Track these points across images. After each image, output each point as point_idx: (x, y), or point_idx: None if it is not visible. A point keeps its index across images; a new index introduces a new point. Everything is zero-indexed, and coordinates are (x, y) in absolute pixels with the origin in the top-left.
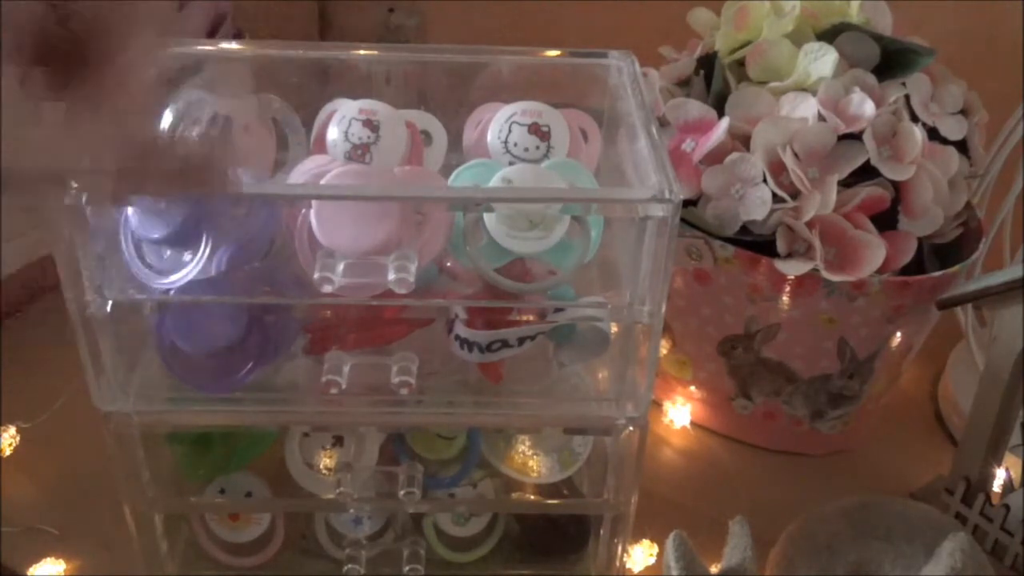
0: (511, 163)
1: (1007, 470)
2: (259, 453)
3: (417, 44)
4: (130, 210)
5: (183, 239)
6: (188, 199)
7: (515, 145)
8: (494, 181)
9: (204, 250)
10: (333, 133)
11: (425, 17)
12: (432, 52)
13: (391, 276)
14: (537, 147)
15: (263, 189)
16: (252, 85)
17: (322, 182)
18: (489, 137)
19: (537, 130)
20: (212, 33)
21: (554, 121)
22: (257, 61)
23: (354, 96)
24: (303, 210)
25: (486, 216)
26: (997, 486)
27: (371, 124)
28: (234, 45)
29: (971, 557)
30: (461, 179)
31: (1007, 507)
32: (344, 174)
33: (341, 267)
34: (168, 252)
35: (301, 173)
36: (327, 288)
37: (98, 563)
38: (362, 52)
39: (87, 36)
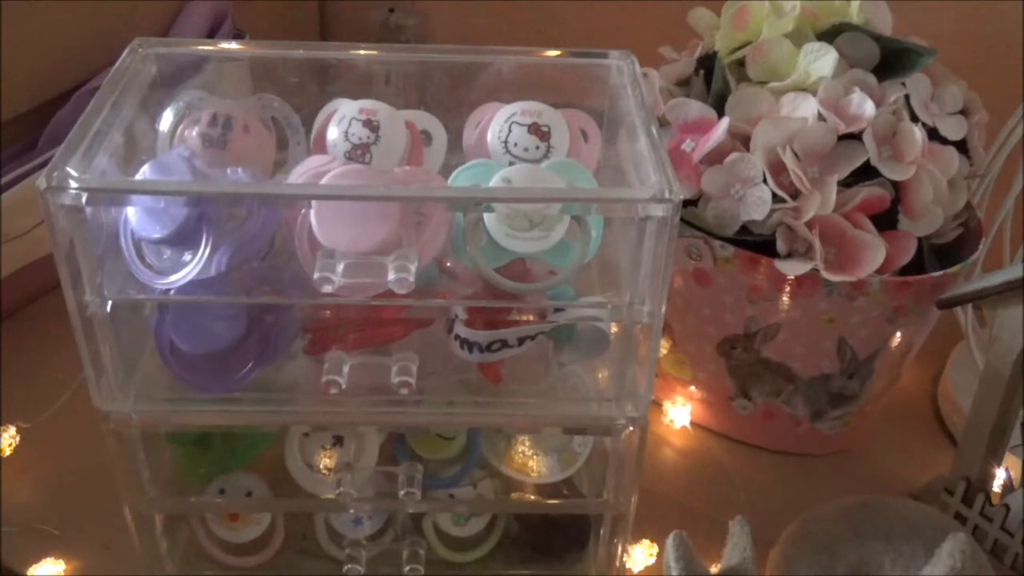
0: (511, 163)
1: (1007, 470)
2: (259, 453)
3: (417, 44)
4: (130, 210)
5: (183, 239)
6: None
7: (515, 145)
8: (494, 181)
9: (204, 250)
10: (333, 133)
11: (425, 17)
12: (432, 52)
13: (391, 276)
14: (537, 147)
15: (263, 189)
16: (252, 85)
17: (322, 182)
18: (489, 137)
19: (537, 130)
20: (212, 33)
21: (554, 121)
22: (257, 61)
23: (354, 96)
24: (303, 210)
25: (486, 216)
26: (997, 486)
27: (371, 124)
28: (234, 45)
29: (971, 557)
30: (461, 179)
31: (1007, 507)
32: (344, 174)
33: (341, 267)
34: (168, 252)
35: (301, 173)
36: (327, 288)
37: (98, 563)
38: (362, 52)
39: None
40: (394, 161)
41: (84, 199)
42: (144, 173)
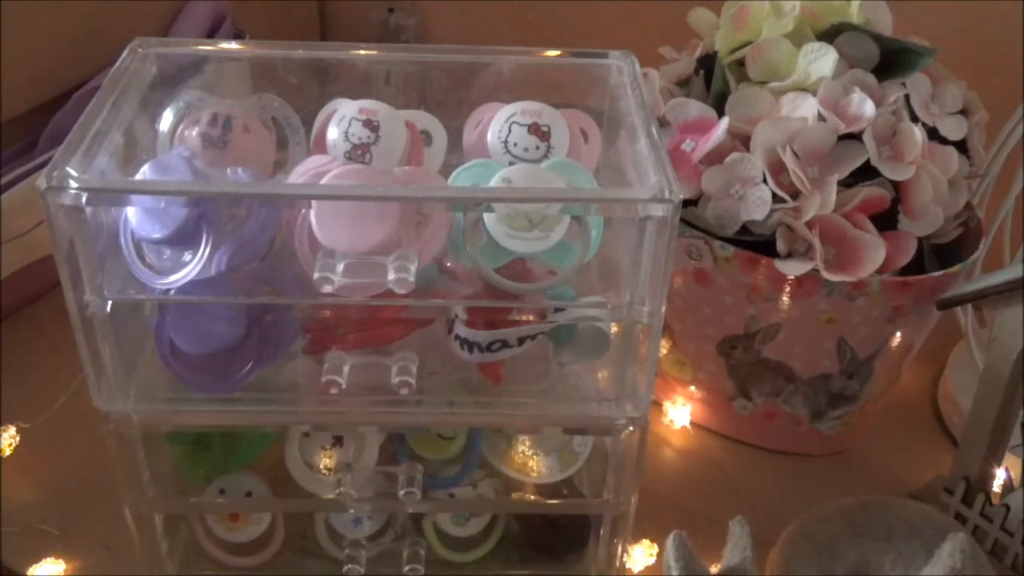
0: (511, 163)
1: (1007, 470)
2: (259, 453)
3: (417, 44)
4: (130, 210)
5: (183, 239)
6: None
7: (515, 145)
8: (494, 181)
9: (204, 250)
10: (333, 133)
11: (425, 17)
12: (432, 52)
13: (391, 276)
14: (537, 147)
15: (263, 189)
16: (252, 85)
17: (322, 182)
18: (489, 137)
19: (537, 130)
20: (212, 33)
21: (554, 121)
22: (257, 61)
23: (354, 96)
24: (303, 210)
25: (486, 216)
26: (997, 486)
27: (371, 124)
28: (234, 45)
29: (971, 557)
30: (461, 179)
31: (1007, 507)
32: (344, 174)
33: (341, 267)
34: (168, 252)
35: (301, 173)
36: (327, 288)
37: (98, 563)
38: (362, 52)
39: None
40: (394, 161)
41: (84, 199)
42: (144, 173)
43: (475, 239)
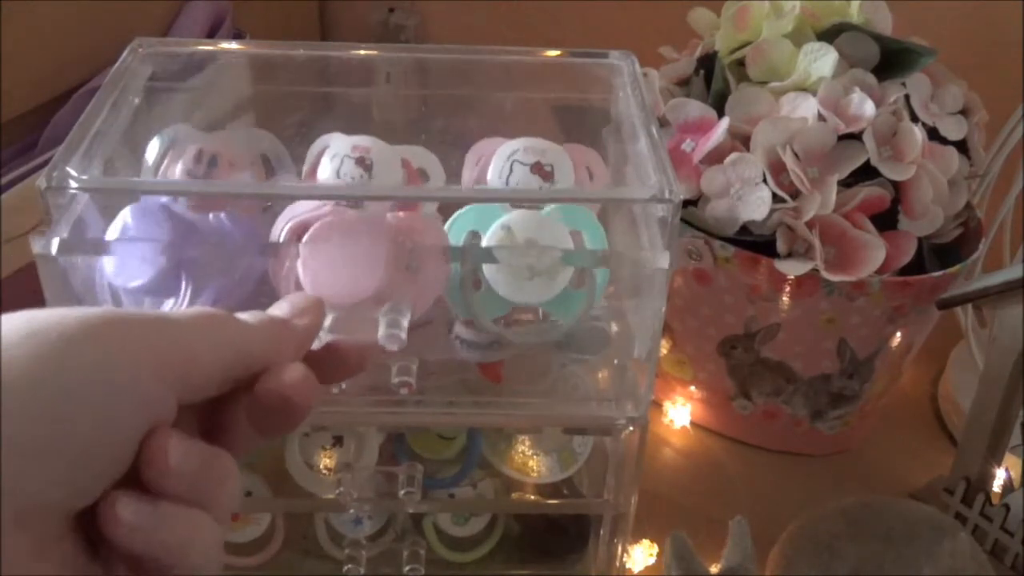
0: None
1: (1007, 470)
2: (259, 453)
3: (417, 44)
4: (106, 260)
5: (162, 288)
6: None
7: (517, 186)
8: (493, 228)
9: (184, 297)
10: (325, 171)
11: (425, 17)
12: (432, 52)
13: (381, 331)
14: (540, 188)
15: (265, 188)
16: (252, 84)
17: (308, 233)
18: (489, 177)
19: (540, 170)
20: (212, 33)
21: (558, 160)
22: (257, 61)
23: (354, 95)
24: (287, 262)
25: (485, 267)
26: (997, 486)
27: (364, 162)
28: (234, 45)
29: (971, 557)
30: (459, 223)
31: (1007, 507)
32: (332, 224)
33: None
34: (147, 301)
35: (290, 218)
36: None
37: None
38: (362, 52)
39: None
40: (388, 201)
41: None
42: (124, 217)
43: (473, 288)
